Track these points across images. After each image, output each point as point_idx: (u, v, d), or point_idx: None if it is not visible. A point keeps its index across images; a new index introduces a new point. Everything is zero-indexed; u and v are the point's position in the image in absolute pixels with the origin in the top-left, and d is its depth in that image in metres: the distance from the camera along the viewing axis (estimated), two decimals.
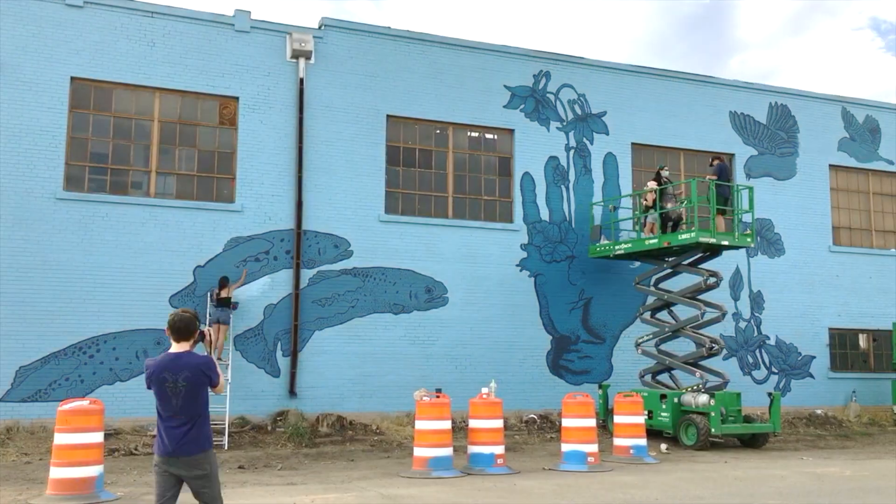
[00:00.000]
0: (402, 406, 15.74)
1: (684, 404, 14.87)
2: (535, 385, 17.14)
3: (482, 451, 11.17)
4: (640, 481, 10.59)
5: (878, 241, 21.10)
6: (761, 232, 19.47)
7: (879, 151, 21.05)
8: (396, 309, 16.36)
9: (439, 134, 17.48)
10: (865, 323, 20.33)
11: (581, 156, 18.26)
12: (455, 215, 17.31)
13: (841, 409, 19.40)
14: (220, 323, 14.61)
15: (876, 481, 10.93)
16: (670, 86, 19.28)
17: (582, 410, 11.79)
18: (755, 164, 19.79)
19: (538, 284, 17.51)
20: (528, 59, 18.08)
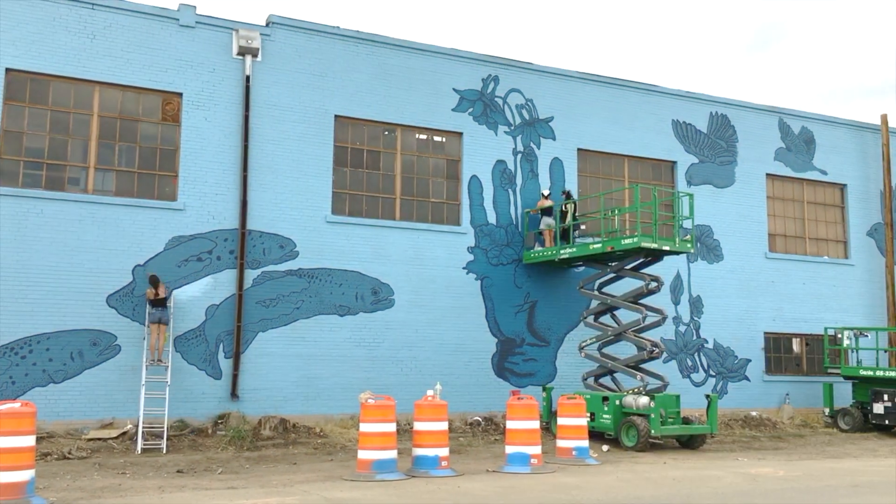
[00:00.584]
0: (347, 408, 15.65)
1: (625, 406, 15.13)
2: (481, 387, 17.23)
3: (426, 454, 11.16)
4: (582, 482, 10.73)
5: (812, 249, 21.85)
6: (701, 238, 19.97)
7: (814, 162, 21.80)
8: (342, 311, 16.24)
9: (387, 135, 17.44)
10: (799, 328, 21.03)
11: (528, 160, 18.44)
12: (402, 217, 17.28)
13: (775, 410, 20.01)
14: (160, 323, 14.27)
15: (807, 482, 11.30)
16: (615, 93, 19.62)
17: (526, 413, 11.89)
18: (696, 171, 20.29)
19: (484, 287, 17.61)
20: (477, 63, 18.18)
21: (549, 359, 18.05)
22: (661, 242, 15.67)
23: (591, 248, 16.29)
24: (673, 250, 15.96)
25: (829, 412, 19.36)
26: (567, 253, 16.72)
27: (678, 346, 19.37)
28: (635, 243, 15.39)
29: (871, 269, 21.55)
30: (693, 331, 19.69)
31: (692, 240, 16.35)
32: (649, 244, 15.42)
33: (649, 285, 15.72)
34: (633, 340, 16.13)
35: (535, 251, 17.55)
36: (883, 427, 18.73)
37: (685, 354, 19.49)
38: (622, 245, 15.65)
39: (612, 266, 16.51)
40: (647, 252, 15.86)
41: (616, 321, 16.78)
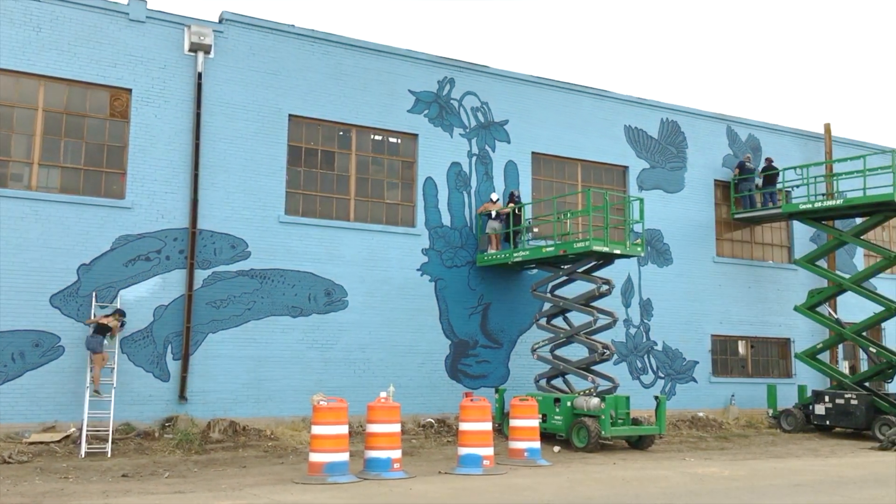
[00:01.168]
0: (299, 410, 15.49)
1: (577, 408, 15.31)
2: (434, 389, 17.23)
3: (379, 456, 11.12)
4: (534, 483, 10.82)
5: (757, 254, 22.41)
6: (651, 242, 20.31)
7: (759, 167, 22.33)
8: (295, 312, 16.08)
9: (342, 136, 17.33)
10: (744, 330, 21.55)
11: (483, 163, 18.52)
12: (357, 218, 17.19)
13: (721, 411, 20.46)
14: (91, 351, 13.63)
15: (752, 481, 11.58)
16: (569, 98, 19.85)
17: (478, 414, 11.93)
18: (647, 176, 20.64)
19: (438, 289, 17.62)
20: (433, 65, 18.20)
21: (502, 360, 18.15)
22: (613, 246, 15.91)
23: (544, 252, 16.45)
24: (624, 254, 16.21)
25: (773, 413, 19.88)
26: (520, 256, 16.85)
27: (628, 348, 19.67)
28: (587, 247, 15.59)
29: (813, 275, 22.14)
30: (643, 333, 20.01)
31: (642, 243, 16.63)
32: (601, 248, 15.64)
33: (601, 288, 15.94)
34: (584, 343, 16.32)
35: (489, 254, 17.65)
36: (823, 427, 19.29)
37: (635, 356, 19.80)
38: (574, 248, 15.85)
39: (565, 269, 16.69)
40: (598, 255, 16.07)
41: (568, 323, 16.96)
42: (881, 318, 19.73)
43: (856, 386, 19.28)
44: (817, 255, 20.65)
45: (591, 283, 16.22)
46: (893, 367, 19.32)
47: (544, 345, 16.87)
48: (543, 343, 16.89)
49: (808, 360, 20.14)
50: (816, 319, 20.24)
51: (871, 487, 11.15)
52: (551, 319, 17.12)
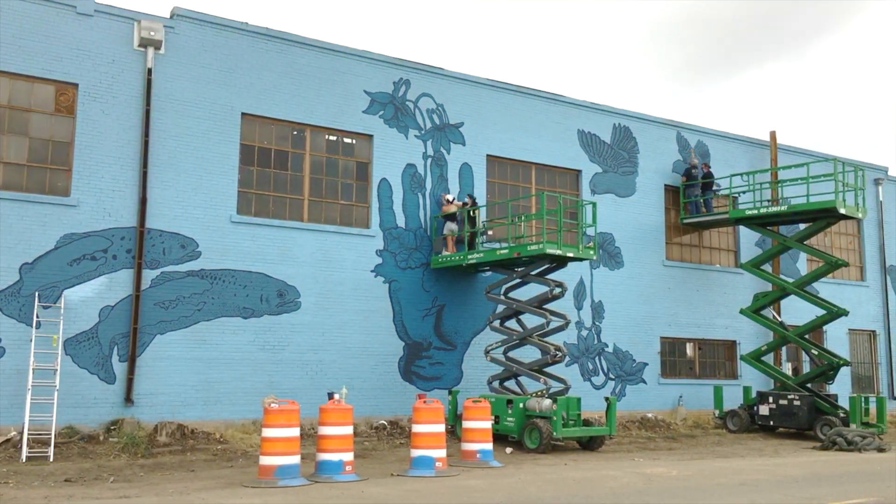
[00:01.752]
0: (249, 413, 15.28)
1: (529, 409, 15.41)
2: (387, 391, 17.18)
3: (331, 459, 11.03)
4: (486, 485, 10.86)
5: (705, 258, 22.89)
6: (603, 245, 20.59)
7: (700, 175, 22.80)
8: (246, 313, 15.86)
9: (296, 135, 17.17)
10: (692, 333, 21.98)
11: (438, 165, 18.54)
12: (310, 219, 17.04)
13: (669, 412, 20.83)
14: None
15: (699, 480, 11.82)
16: (524, 101, 20.00)
17: (431, 416, 11.93)
18: (599, 181, 20.91)
19: (392, 290, 17.58)
20: (388, 66, 18.16)
21: (456, 362, 18.19)
22: (566, 249, 16.08)
23: (498, 254, 16.54)
24: (577, 257, 16.39)
25: (719, 414, 20.30)
26: (475, 258, 16.91)
27: (580, 349, 19.89)
28: (540, 249, 15.72)
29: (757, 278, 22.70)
30: (594, 335, 20.26)
31: (595, 247, 16.83)
32: (554, 251, 15.79)
33: (554, 290, 16.10)
34: (537, 345, 16.45)
35: (443, 256, 17.67)
36: (768, 428, 19.79)
37: (587, 358, 20.03)
38: (528, 251, 15.97)
39: (519, 272, 16.81)
40: (552, 258, 16.22)
41: (521, 325, 17.07)
42: (823, 321, 20.35)
43: (798, 387, 19.83)
44: (762, 259, 21.18)
45: (545, 286, 16.36)
46: (834, 369, 19.92)
47: (497, 347, 16.95)
48: (497, 345, 16.97)
49: (753, 362, 20.64)
50: (761, 322, 20.77)
51: (813, 486, 11.48)
52: (504, 322, 17.21)
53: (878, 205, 26.39)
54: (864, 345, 25.81)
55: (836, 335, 24.73)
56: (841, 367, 19.89)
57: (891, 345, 25.92)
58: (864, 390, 25.01)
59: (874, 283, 26.07)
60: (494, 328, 17.14)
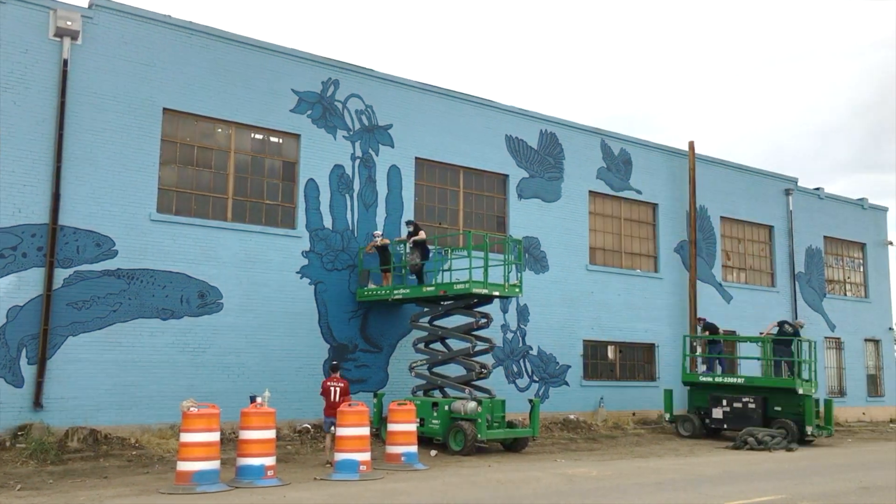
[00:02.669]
0: (167, 417, 14.82)
1: (454, 412, 15.47)
2: (311, 394, 16.91)
3: (252, 463, 10.81)
4: (410, 488, 10.84)
5: (627, 262, 23.49)
6: (529, 249, 20.86)
7: (630, 181, 23.47)
8: (165, 314, 15.39)
9: (221, 133, 16.78)
10: (614, 336, 22.51)
11: (366, 166, 18.43)
12: (234, 218, 16.68)
13: (591, 414, 21.27)
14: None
15: (618, 480, 12.10)
16: (453, 105, 20.10)
17: (356, 419, 11.84)
18: (526, 185, 21.19)
19: (318, 292, 17.36)
20: (317, 66, 17.95)
21: (381, 365, 18.10)
22: (492, 288, 16.01)
23: (425, 291, 16.51)
24: (502, 295, 16.43)
25: (670, 418, 20.64)
26: (400, 294, 16.80)
27: (505, 352, 20.09)
28: (467, 289, 15.70)
29: (677, 283, 23.48)
30: (519, 338, 20.51)
31: (520, 284, 16.95)
32: (480, 290, 15.76)
33: (479, 321, 16.19)
34: (462, 363, 16.47)
35: (369, 289, 17.47)
36: (720, 430, 20.06)
37: (511, 361, 20.25)
38: (455, 290, 15.94)
39: (445, 305, 16.70)
40: (478, 295, 16.15)
41: (447, 347, 17.01)
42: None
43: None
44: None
45: (471, 318, 16.38)
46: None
47: (422, 364, 16.90)
48: (421, 363, 16.92)
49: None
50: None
51: (725, 484, 11.92)
52: (429, 344, 17.11)
53: (787, 214, 27.64)
54: None
55: None
56: None
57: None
58: None
59: (784, 288, 27.27)
60: (419, 350, 17.01)
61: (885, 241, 31.25)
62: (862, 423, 27.46)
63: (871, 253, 30.69)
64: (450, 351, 16.80)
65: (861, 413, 28.66)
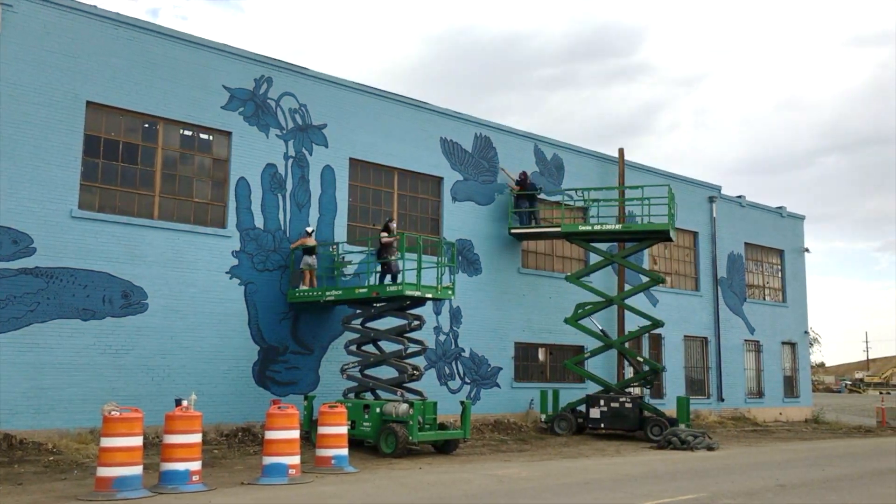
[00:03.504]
0: (87, 422, 14.31)
1: (386, 414, 15.41)
2: (239, 397, 16.63)
3: (176, 468, 10.52)
4: (340, 491, 10.74)
5: (558, 266, 23.86)
6: (462, 252, 20.97)
7: (563, 185, 23.84)
8: (86, 315, 14.85)
9: (148, 128, 16.30)
10: (544, 338, 22.83)
11: (300, 166, 18.20)
12: (161, 216, 16.23)
13: (522, 415, 21.51)
14: None
15: (547, 481, 12.27)
16: (388, 106, 20.05)
17: (285, 422, 11.66)
18: (460, 188, 21.30)
19: (248, 293, 17.05)
20: (250, 62, 17.64)
21: (313, 367, 17.89)
22: (425, 290, 16.03)
23: (357, 293, 16.41)
24: (435, 297, 16.48)
25: (546, 418, 21.01)
26: (332, 296, 16.66)
27: (437, 354, 20.13)
28: (399, 291, 15.69)
29: (606, 287, 23.94)
30: (452, 340, 20.58)
31: (452, 287, 17.02)
32: (413, 292, 15.75)
33: (412, 324, 16.18)
34: (394, 366, 16.43)
35: (300, 290, 17.25)
36: (597, 430, 20.55)
37: (443, 363, 20.31)
38: (387, 292, 15.91)
39: (378, 307, 16.64)
40: (410, 297, 16.13)
41: (379, 349, 16.94)
42: (645, 330, 21.90)
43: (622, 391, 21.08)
44: (586, 272, 22.30)
45: (404, 320, 16.37)
46: (654, 374, 21.49)
47: (354, 367, 16.79)
48: (353, 364, 16.81)
49: (575, 367, 21.68)
50: (583, 330, 21.70)
51: (650, 483, 12.22)
52: (361, 347, 17.01)
53: (711, 221, 28.58)
54: (696, 350, 27.83)
55: (673, 341, 26.53)
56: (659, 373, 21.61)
57: (720, 351, 28.11)
58: (696, 393, 26.96)
59: (707, 293, 28.18)
60: (351, 352, 16.87)
61: (801, 248, 32.67)
62: (779, 423, 28.59)
63: (789, 259, 32.02)
64: (382, 353, 16.74)
65: (778, 413, 29.86)
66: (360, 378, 16.62)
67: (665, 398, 25.25)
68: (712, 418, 26.45)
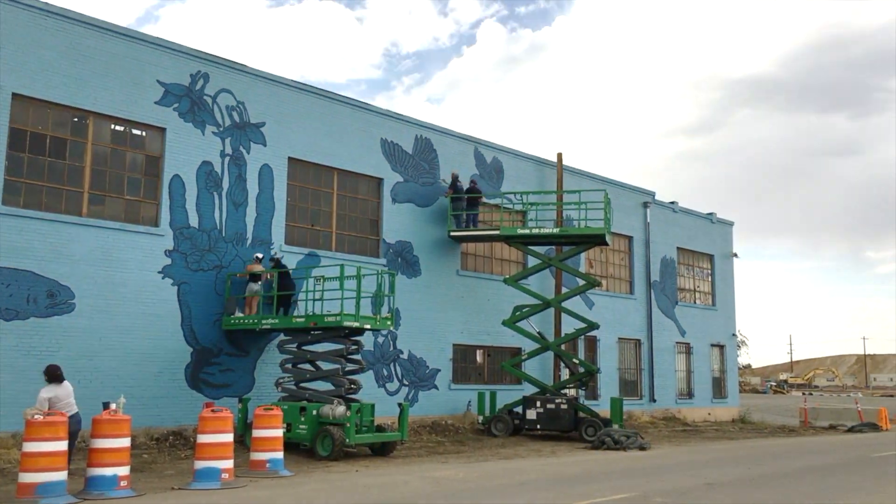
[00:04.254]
0: (8, 426, 13.75)
1: (323, 416, 15.25)
2: (171, 400, 16.22)
3: (104, 474, 10.19)
4: (273, 495, 10.58)
5: (497, 269, 24.05)
6: (402, 254, 20.94)
7: (502, 188, 24.05)
8: (9, 315, 14.26)
9: (77, 122, 15.77)
10: (482, 340, 22.97)
11: (237, 164, 17.88)
12: (91, 214, 15.71)
13: (459, 417, 21.58)
14: None
15: (483, 482, 12.34)
16: (328, 106, 19.88)
17: (218, 425, 11.42)
18: (400, 190, 21.27)
19: (182, 293, 16.65)
20: (185, 57, 17.24)
21: (248, 369, 17.58)
22: (363, 321, 15.82)
23: (295, 322, 16.16)
24: (373, 328, 16.33)
25: (483, 419, 21.17)
26: (269, 323, 16.39)
27: (376, 356, 20.03)
28: (338, 322, 15.42)
29: (543, 290, 24.25)
30: (390, 342, 20.52)
31: (392, 317, 16.92)
32: (351, 323, 15.52)
33: (350, 348, 16.03)
34: (331, 381, 16.20)
35: (236, 318, 16.90)
36: (534, 431, 20.82)
37: (382, 365, 20.22)
38: (325, 322, 15.65)
39: (315, 334, 16.28)
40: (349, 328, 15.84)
41: (316, 367, 16.55)
42: (581, 332, 22.32)
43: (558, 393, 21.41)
44: (524, 274, 22.56)
45: (342, 345, 16.16)
46: (590, 376, 21.91)
47: (289, 380, 16.51)
48: (288, 378, 16.53)
49: (512, 369, 21.93)
50: (521, 332, 21.94)
51: (585, 483, 12.42)
52: (298, 364, 16.69)
53: (645, 226, 29.25)
54: (630, 352, 28.45)
55: (608, 343, 27.05)
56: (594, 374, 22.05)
57: (652, 353, 28.78)
58: (629, 394, 27.54)
59: (641, 296, 28.83)
60: (286, 370, 16.56)
61: (730, 253, 33.75)
62: (708, 423, 29.43)
63: (719, 264, 33.03)
64: (318, 370, 16.41)
65: (707, 413, 30.74)
66: (294, 390, 16.28)
67: (599, 399, 25.71)
68: (644, 418, 27.05)
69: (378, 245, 20.70)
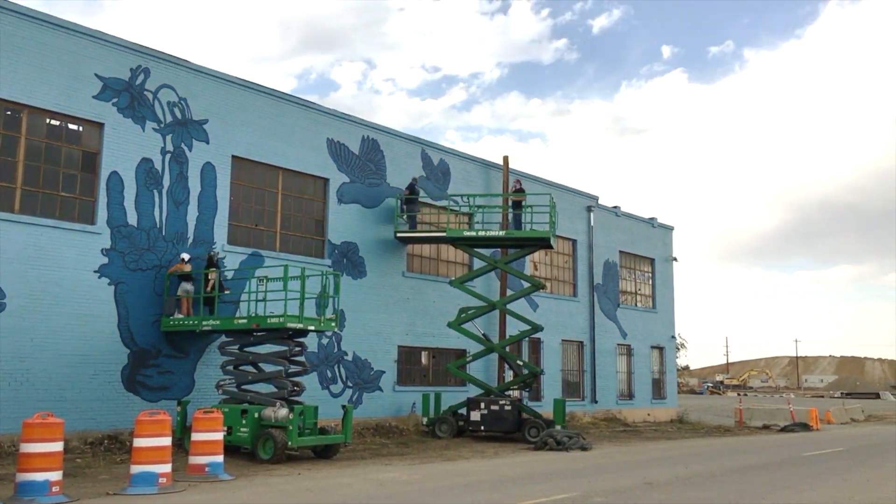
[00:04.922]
0: None
1: (265, 419, 15.02)
2: (107, 403, 15.77)
3: (34, 479, 9.83)
4: (213, 500, 10.38)
5: (442, 270, 24.10)
6: (347, 254, 20.80)
7: (449, 190, 24.12)
8: None
9: (10, 116, 15.20)
10: (427, 342, 22.98)
11: (178, 162, 17.49)
12: (23, 210, 15.16)
13: (404, 418, 21.54)
14: None
15: (427, 483, 12.34)
16: (274, 105, 19.62)
17: (156, 429, 11.14)
18: (346, 190, 21.13)
19: (119, 293, 16.20)
20: (125, 51, 16.80)
21: (188, 371, 17.21)
22: (307, 322, 15.66)
23: (237, 323, 15.91)
24: (317, 329, 16.17)
25: (427, 421, 21.18)
26: (210, 325, 16.09)
27: (319, 358, 19.84)
28: (281, 323, 15.23)
29: (488, 292, 24.40)
30: (335, 343, 20.35)
31: (336, 318, 16.79)
32: (295, 325, 15.35)
33: (293, 349, 15.85)
34: (274, 383, 16.00)
35: (175, 319, 16.53)
36: (478, 432, 20.87)
37: (325, 367, 20.04)
38: (268, 324, 15.44)
39: (258, 336, 16.07)
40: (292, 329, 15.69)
41: (258, 369, 16.30)
42: (525, 334, 22.55)
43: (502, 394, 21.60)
44: (470, 277, 22.68)
45: (286, 346, 15.97)
46: (534, 377, 22.17)
47: (231, 382, 16.23)
48: (229, 380, 16.25)
49: (457, 371, 22.03)
50: (465, 334, 22.00)
51: (528, 484, 12.53)
52: (239, 366, 16.43)
53: (588, 229, 29.70)
54: (573, 354, 28.83)
55: (551, 345, 27.37)
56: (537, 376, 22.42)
57: (594, 354, 29.23)
58: (571, 395, 27.91)
59: (584, 298, 29.25)
60: (228, 372, 16.26)
61: (670, 257, 34.53)
62: (647, 424, 30.04)
63: (659, 267, 33.76)
64: (261, 372, 16.20)
65: (646, 414, 31.37)
66: (237, 392, 16.02)
67: (543, 400, 25.98)
68: (586, 419, 27.46)
69: (323, 246, 20.53)
